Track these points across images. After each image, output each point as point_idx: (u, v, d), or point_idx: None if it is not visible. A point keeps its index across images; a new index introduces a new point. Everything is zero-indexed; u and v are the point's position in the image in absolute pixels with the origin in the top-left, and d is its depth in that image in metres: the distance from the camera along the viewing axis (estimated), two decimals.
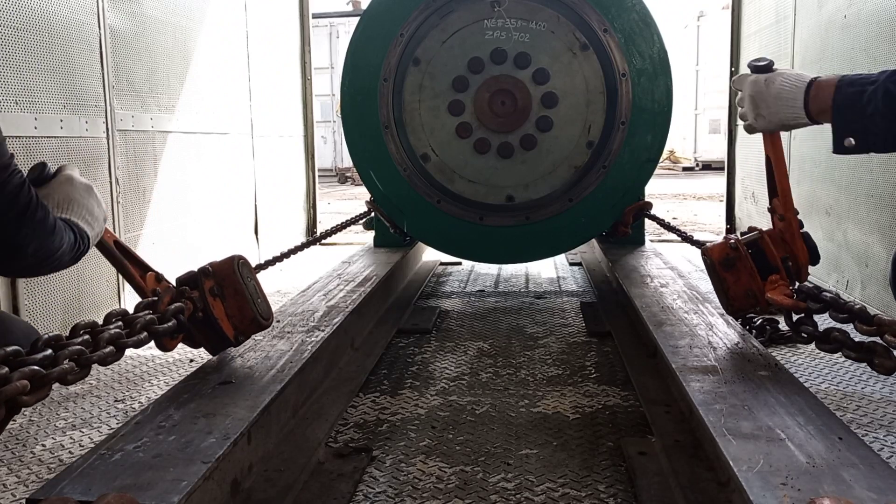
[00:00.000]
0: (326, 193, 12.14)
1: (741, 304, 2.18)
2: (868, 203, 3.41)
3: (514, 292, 4.12)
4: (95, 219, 1.64)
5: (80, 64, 3.16)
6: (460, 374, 2.67)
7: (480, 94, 3.55)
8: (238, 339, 2.13)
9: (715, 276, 2.22)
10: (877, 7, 3.35)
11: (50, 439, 2.21)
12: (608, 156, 3.56)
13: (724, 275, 2.17)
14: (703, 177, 15.82)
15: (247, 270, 2.13)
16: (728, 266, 2.15)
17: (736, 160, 5.84)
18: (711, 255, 2.19)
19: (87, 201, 1.62)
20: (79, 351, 1.40)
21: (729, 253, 2.15)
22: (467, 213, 3.64)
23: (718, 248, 2.19)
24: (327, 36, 17.63)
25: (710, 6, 18.13)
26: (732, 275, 2.15)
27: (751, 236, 2.16)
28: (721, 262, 2.16)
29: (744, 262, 2.13)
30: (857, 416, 2.27)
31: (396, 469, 1.93)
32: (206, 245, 4.22)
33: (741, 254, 2.14)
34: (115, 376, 2.78)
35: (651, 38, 3.50)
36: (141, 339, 1.64)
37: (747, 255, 2.13)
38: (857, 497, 1.30)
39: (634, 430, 2.15)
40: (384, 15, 3.57)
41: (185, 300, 1.92)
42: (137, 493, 1.33)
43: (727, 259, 2.15)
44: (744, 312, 2.27)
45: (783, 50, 4.65)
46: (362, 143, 3.64)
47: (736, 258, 2.14)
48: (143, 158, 3.69)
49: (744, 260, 2.13)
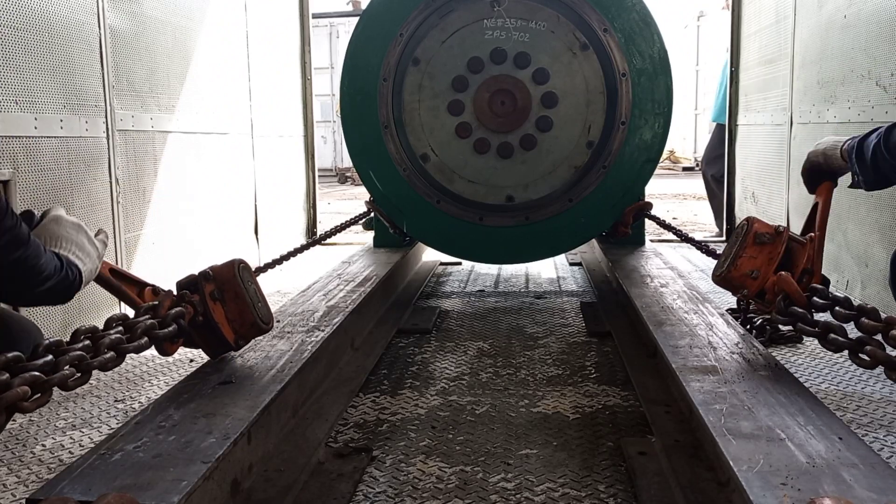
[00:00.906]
0: (326, 193, 12.13)
1: (738, 275, 2.20)
2: (868, 203, 3.41)
3: (514, 292, 4.12)
4: (87, 254, 1.64)
5: (80, 64, 3.16)
6: (460, 374, 2.67)
7: (480, 93, 3.55)
8: (238, 344, 2.13)
9: (739, 242, 2.23)
10: (877, 7, 3.35)
11: (50, 439, 2.21)
12: (608, 156, 3.56)
13: (751, 245, 2.20)
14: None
15: (247, 274, 2.13)
16: (760, 240, 2.19)
17: (736, 160, 5.83)
18: (753, 224, 2.23)
19: (77, 237, 1.63)
20: (79, 356, 1.41)
21: (771, 232, 2.20)
22: (467, 213, 3.64)
23: (764, 223, 2.25)
24: (327, 36, 17.61)
25: (710, 6, 18.12)
26: (756, 250, 2.19)
27: (797, 236, 2.24)
28: (757, 234, 2.20)
29: (775, 248, 2.18)
30: (857, 416, 2.27)
31: (396, 469, 1.93)
32: (206, 245, 4.21)
33: (780, 239, 2.19)
34: (115, 376, 2.78)
35: (651, 37, 3.50)
36: (142, 344, 1.64)
37: (783, 244, 2.18)
38: (857, 497, 1.30)
39: (634, 430, 2.15)
40: (384, 15, 3.57)
41: (186, 304, 1.92)
42: (137, 493, 1.33)
43: (765, 234, 2.19)
44: (731, 287, 2.27)
45: (783, 50, 4.65)
46: (362, 143, 3.64)
47: (772, 240, 2.19)
48: (143, 158, 3.69)
49: (777, 246, 2.18)
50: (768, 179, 4.99)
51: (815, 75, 4.10)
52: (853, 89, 3.58)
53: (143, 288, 2.01)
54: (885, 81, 3.25)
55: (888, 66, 3.23)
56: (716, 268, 2.32)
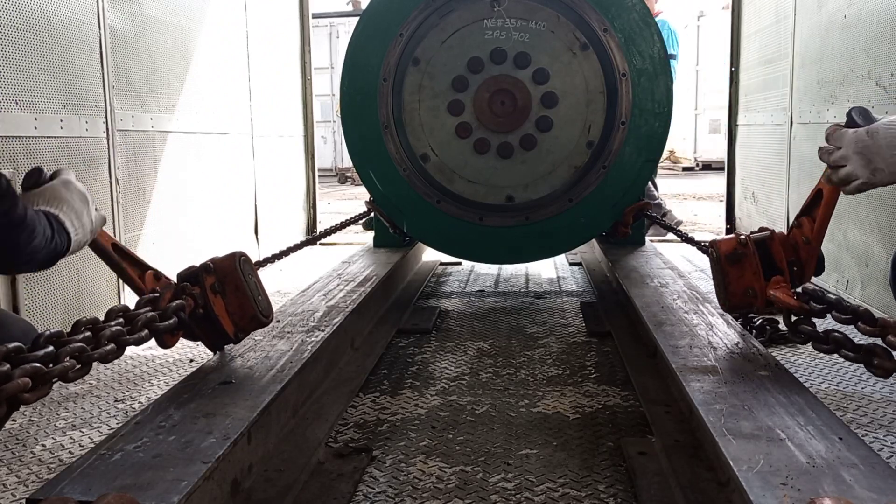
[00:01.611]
0: (326, 193, 12.13)
1: (739, 300, 2.19)
2: (868, 203, 3.41)
3: (514, 292, 4.12)
4: (82, 225, 1.59)
5: (80, 64, 3.16)
6: (460, 374, 2.67)
7: (480, 93, 3.55)
8: (238, 336, 2.12)
9: (719, 269, 2.22)
10: (877, 7, 3.35)
11: (50, 439, 2.21)
12: (608, 156, 3.55)
13: (729, 269, 2.18)
14: (703, 177, 15.80)
15: (248, 267, 2.13)
16: (734, 261, 2.16)
17: (736, 160, 5.84)
18: (719, 249, 2.20)
19: (78, 206, 1.59)
20: (80, 348, 1.40)
21: (737, 248, 2.16)
22: (467, 213, 3.64)
23: (727, 241, 2.21)
24: (327, 36, 17.60)
25: (710, 6, 18.12)
26: (736, 270, 2.17)
27: (761, 235, 2.17)
28: (727, 256, 2.17)
29: (750, 259, 2.15)
30: (857, 416, 2.27)
31: (396, 469, 1.93)
32: (206, 245, 4.21)
33: (749, 250, 2.15)
34: (115, 376, 2.78)
35: (651, 37, 3.49)
36: (142, 336, 1.64)
37: (754, 253, 2.15)
38: (857, 497, 1.30)
39: (634, 430, 2.15)
40: (384, 14, 3.56)
41: (186, 297, 1.91)
42: (137, 493, 1.33)
43: (734, 253, 2.16)
44: (739, 310, 2.27)
45: (783, 50, 4.65)
46: (362, 143, 3.64)
47: (743, 254, 2.16)
48: (143, 158, 3.69)
49: (750, 257, 2.15)
50: (768, 179, 4.99)
51: (816, 75, 4.10)
52: (853, 89, 3.58)
53: (144, 270, 2.00)
54: (885, 81, 3.25)
55: (888, 66, 3.23)
56: (718, 299, 2.32)
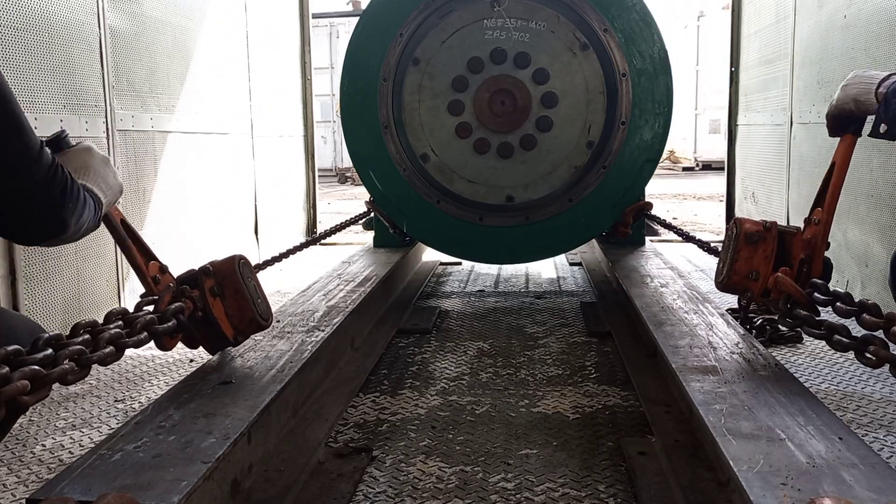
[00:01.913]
0: (326, 193, 12.14)
1: (738, 280, 2.19)
2: (868, 203, 3.41)
3: (514, 292, 4.12)
4: (110, 188, 1.68)
5: (80, 64, 3.16)
6: (460, 374, 2.67)
7: (480, 93, 3.55)
8: (237, 339, 2.12)
9: (732, 246, 2.23)
10: (877, 7, 3.35)
11: (50, 439, 2.21)
12: (608, 156, 3.56)
13: (743, 247, 2.19)
14: (703, 177, 15.81)
15: (247, 270, 2.13)
16: (752, 241, 2.18)
17: (736, 160, 5.83)
18: (741, 225, 2.22)
19: (104, 170, 1.66)
20: (79, 351, 1.40)
21: (760, 229, 2.18)
22: (467, 213, 3.64)
23: (752, 221, 2.23)
24: (327, 36, 17.61)
25: (710, 6, 18.14)
26: (749, 250, 2.18)
27: (786, 227, 2.20)
28: (748, 235, 2.19)
29: (767, 244, 2.17)
30: (857, 416, 2.27)
31: (396, 469, 1.93)
32: (206, 245, 4.21)
33: (770, 235, 2.17)
34: (115, 376, 2.78)
35: (651, 37, 3.50)
36: (141, 339, 1.64)
37: (774, 239, 2.16)
38: (857, 497, 1.30)
39: (634, 430, 2.15)
40: (383, 15, 3.57)
41: (186, 299, 1.92)
42: (137, 493, 1.33)
43: (755, 233, 2.18)
44: (734, 291, 2.27)
45: (783, 50, 4.65)
46: (362, 144, 3.64)
47: (763, 237, 2.17)
48: (143, 158, 3.69)
49: (769, 242, 2.16)
50: (768, 179, 4.99)
51: (815, 75, 4.10)
52: None
53: (149, 259, 2.01)
54: None
55: (888, 66, 3.22)
56: (717, 275, 2.32)
